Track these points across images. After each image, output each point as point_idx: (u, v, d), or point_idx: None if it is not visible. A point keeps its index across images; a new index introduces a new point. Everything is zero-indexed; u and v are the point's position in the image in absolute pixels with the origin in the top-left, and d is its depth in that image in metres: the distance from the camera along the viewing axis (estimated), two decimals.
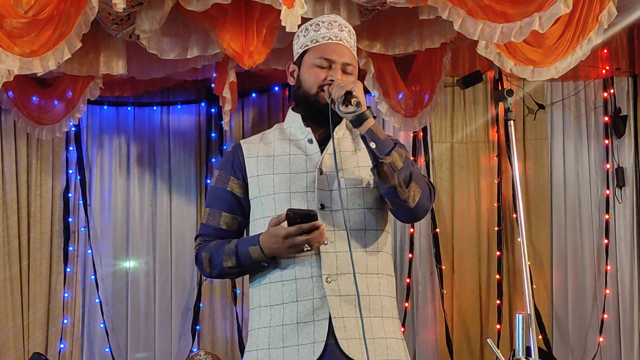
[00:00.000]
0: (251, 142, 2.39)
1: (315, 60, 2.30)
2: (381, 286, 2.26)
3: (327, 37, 2.32)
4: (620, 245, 5.89)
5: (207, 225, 2.36)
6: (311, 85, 2.30)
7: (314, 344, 2.14)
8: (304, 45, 2.35)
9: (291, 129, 2.36)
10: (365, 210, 2.26)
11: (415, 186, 2.21)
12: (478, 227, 5.96)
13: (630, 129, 5.90)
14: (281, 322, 2.19)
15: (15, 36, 3.88)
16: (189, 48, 4.73)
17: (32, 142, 5.92)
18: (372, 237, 2.26)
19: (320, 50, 2.31)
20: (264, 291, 2.25)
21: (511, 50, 4.39)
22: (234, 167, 2.34)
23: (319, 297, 2.16)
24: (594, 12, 4.16)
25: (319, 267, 2.18)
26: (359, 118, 2.18)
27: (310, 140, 2.31)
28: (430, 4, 4.06)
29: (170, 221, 6.17)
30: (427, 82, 5.48)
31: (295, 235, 2.12)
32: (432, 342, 5.90)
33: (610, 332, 5.83)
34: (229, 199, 2.33)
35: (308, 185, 2.25)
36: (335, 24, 2.34)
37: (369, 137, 2.19)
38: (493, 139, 6.02)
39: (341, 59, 2.30)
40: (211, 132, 6.21)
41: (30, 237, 5.88)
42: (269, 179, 2.28)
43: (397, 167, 2.17)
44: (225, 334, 6.09)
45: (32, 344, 5.76)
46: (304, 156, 2.29)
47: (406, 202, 2.21)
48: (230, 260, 2.24)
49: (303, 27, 2.39)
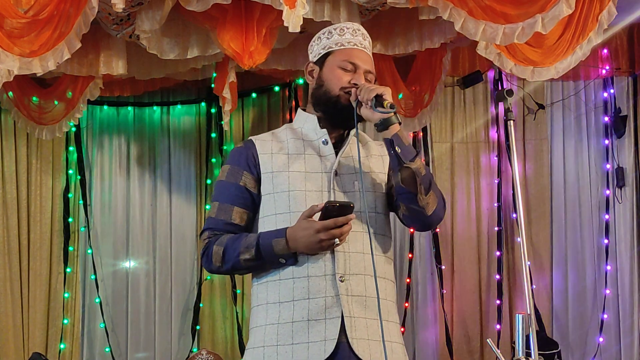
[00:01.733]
0: (263, 139, 2.39)
1: (340, 63, 2.33)
2: (387, 290, 2.28)
3: (352, 43, 2.36)
4: (620, 245, 5.89)
5: (217, 219, 2.33)
6: (333, 86, 2.32)
7: (325, 342, 2.15)
8: (328, 47, 2.37)
9: (303, 129, 2.37)
10: (376, 215, 2.29)
11: (433, 195, 2.24)
12: (478, 227, 5.96)
13: (630, 129, 5.90)
14: (291, 319, 2.19)
15: (15, 36, 3.88)
16: (189, 48, 4.73)
17: (32, 142, 5.92)
18: (381, 241, 2.30)
19: (346, 53, 2.35)
20: (272, 288, 2.24)
21: (511, 51, 4.39)
22: (248, 162, 2.33)
23: (332, 295, 2.17)
24: (594, 12, 4.15)
25: (333, 265, 2.19)
26: (385, 122, 2.21)
27: (325, 141, 2.32)
28: (431, 5, 4.06)
29: (170, 221, 6.17)
30: (427, 82, 5.48)
31: (330, 229, 2.12)
32: (432, 342, 5.90)
33: (610, 332, 5.83)
34: (241, 194, 2.32)
35: (324, 185, 2.26)
36: (359, 32, 2.39)
37: (396, 142, 2.21)
38: (493, 139, 6.02)
39: (365, 66, 2.35)
40: (211, 132, 6.21)
41: (30, 237, 5.88)
42: (284, 176, 2.28)
43: (420, 174, 2.20)
44: (225, 334, 6.09)
45: (32, 344, 5.76)
46: (318, 157, 2.31)
47: (424, 210, 2.23)
48: (248, 253, 2.22)
49: (326, 30, 2.41)
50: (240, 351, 5.95)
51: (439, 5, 3.99)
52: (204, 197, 6.16)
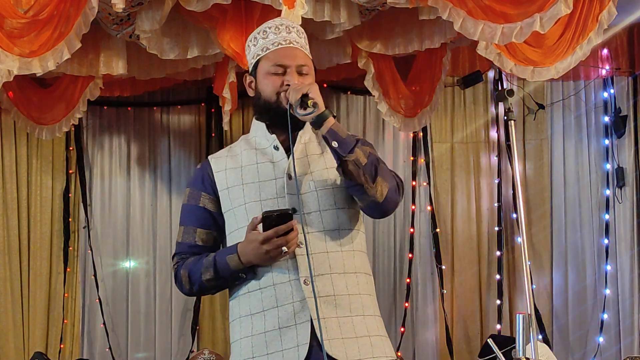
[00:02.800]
0: (218, 156, 2.39)
1: (269, 68, 2.29)
2: (360, 285, 2.26)
3: (276, 43, 2.31)
4: (620, 245, 5.89)
5: (182, 243, 2.35)
6: (270, 94, 2.30)
7: (298, 347, 2.15)
8: (256, 55, 2.34)
9: (256, 138, 2.37)
10: (338, 210, 2.26)
11: (382, 181, 2.20)
12: (478, 227, 5.96)
13: (630, 129, 5.91)
14: (263, 329, 2.19)
15: (15, 36, 3.89)
16: (189, 48, 4.73)
17: (32, 142, 5.92)
18: (346, 236, 2.27)
19: (272, 57, 2.30)
20: (243, 301, 2.26)
21: (511, 51, 4.40)
22: (204, 183, 2.34)
23: (299, 299, 2.17)
24: (594, 12, 4.16)
25: (296, 270, 2.18)
26: (318, 119, 2.18)
27: (276, 147, 2.31)
28: (431, 5, 4.06)
29: (170, 221, 6.17)
30: (427, 82, 5.48)
31: (272, 238, 2.11)
32: (432, 342, 5.90)
33: (610, 332, 5.83)
34: (202, 215, 2.33)
35: (278, 191, 2.25)
36: (282, 27, 2.33)
37: (331, 137, 2.18)
38: (493, 139, 6.02)
39: (294, 62, 2.29)
40: (211, 132, 6.21)
41: (31, 237, 5.88)
42: (239, 190, 2.28)
43: (361, 164, 2.17)
44: (225, 334, 6.09)
45: (32, 343, 5.76)
46: (271, 163, 2.29)
47: (374, 198, 2.20)
48: (208, 273, 2.25)
49: (252, 37, 2.37)
50: None
51: (438, 5, 4.00)
52: None
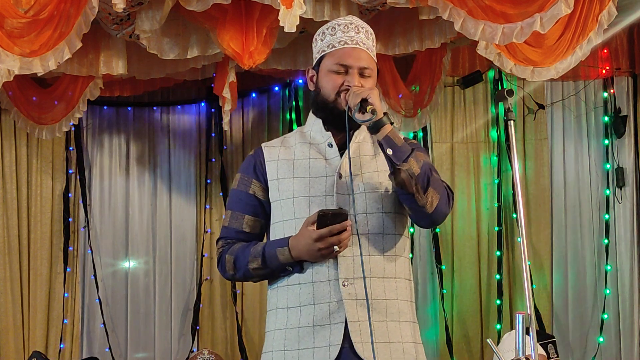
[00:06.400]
0: (272, 145, 2.40)
1: (332, 66, 2.30)
2: (399, 290, 2.27)
3: (343, 42, 2.31)
4: (620, 245, 5.89)
5: (229, 228, 2.37)
6: (329, 92, 2.30)
7: (329, 347, 2.17)
8: (321, 51, 2.35)
9: (312, 132, 2.37)
10: (384, 215, 2.26)
11: (433, 192, 2.20)
12: (478, 227, 5.96)
13: (630, 129, 5.91)
14: (297, 324, 2.21)
15: (16, 36, 3.89)
16: (189, 48, 4.73)
17: (32, 142, 5.92)
18: (390, 241, 2.27)
19: (337, 55, 2.31)
20: (281, 294, 2.27)
21: (511, 51, 4.40)
22: (256, 170, 2.35)
23: (336, 300, 2.18)
24: (594, 12, 4.16)
25: (336, 270, 2.20)
26: (375, 125, 2.19)
27: (330, 144, 2.31)
28: (431, 4, 4.06)
29: (170, 221, 6.17)
30: (427, 82, 5.48)
31: (326, 237, 2.14)
32: (432, 342, 5.90)
33: (610, 332, 5.83)
34: (251, 202, 2.35)
35: (327, 189, 2.25)
36: (351, 27, 2.33)
37: (386, 144, 2.19)
38: (493, 139, 6.02)
39: (357, 64, 2.30)
40: (211, 132, 6.21)
41: (30, 237, 5.88)
42: (289, 183, 2.29)
43: (414, 174, 2.17)
44: (225, 334, 6.09)
45: (33, 343, 5.76)
46: (324, 160, 2.30)
47: (424, 208, 2.20)
48: (255, 262, 2.26)
49: (320, 31, 2.38)
50: (240, 351, 5.96)
51: (439, 5, 4.00)
52: (203, 197, 6.16)
